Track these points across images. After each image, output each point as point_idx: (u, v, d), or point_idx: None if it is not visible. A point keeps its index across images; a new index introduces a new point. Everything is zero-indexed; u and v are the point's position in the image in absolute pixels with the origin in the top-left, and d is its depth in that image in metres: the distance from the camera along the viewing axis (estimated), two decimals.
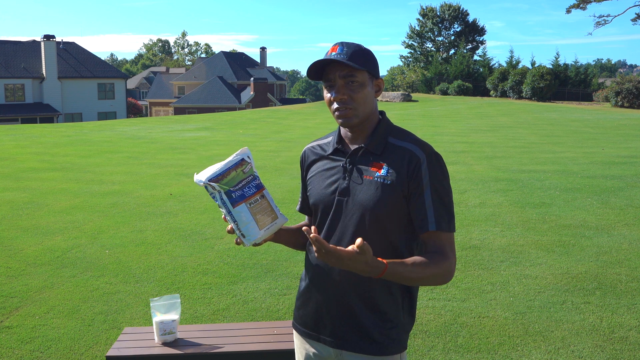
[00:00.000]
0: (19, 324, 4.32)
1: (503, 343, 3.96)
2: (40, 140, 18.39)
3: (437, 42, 60.96)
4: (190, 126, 24.92)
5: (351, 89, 1.76)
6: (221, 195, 1.74)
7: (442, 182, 1.77)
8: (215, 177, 1.74)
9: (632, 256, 5.77)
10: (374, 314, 1.80)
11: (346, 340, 1.82)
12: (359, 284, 1.79)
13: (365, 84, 1.77)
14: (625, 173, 10.52)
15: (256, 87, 55.28)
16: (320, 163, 1.93)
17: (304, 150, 2.02)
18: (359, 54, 1.76)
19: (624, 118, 26.07)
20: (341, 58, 1.74)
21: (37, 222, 7.36)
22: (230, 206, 1.74)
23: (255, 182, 1.80)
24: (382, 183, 1.75)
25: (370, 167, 1.79)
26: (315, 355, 1.91)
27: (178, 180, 10.50)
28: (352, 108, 1.77)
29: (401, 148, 1.79)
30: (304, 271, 1.96)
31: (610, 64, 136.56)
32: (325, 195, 1.85)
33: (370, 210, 1.75)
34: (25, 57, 46.10)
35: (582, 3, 43.42)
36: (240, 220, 1.75)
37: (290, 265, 5.57)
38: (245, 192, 1.76)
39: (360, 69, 1.75)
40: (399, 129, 1.87)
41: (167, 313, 3.06)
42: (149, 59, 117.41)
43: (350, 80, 1.76)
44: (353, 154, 1.84)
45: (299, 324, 1.96)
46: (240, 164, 1.79)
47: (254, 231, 1.76)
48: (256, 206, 1.77)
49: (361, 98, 1.77)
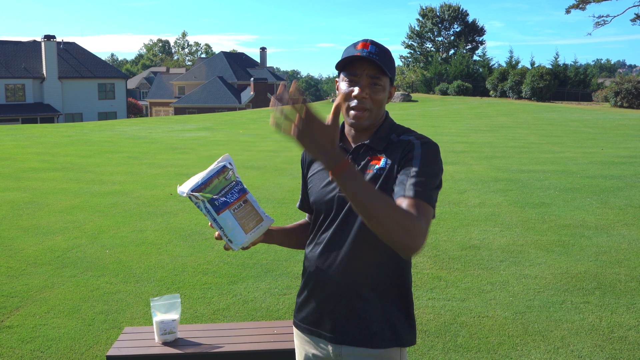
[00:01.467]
0: (19, 324, 4.33)
1: (503, 343, 3.97)
2: (40, 140, 18.40)
3: (437, 43, 60.97)
4: (190, 126, 24.93)
5: (373, 91, 1.76)
6: (205, 204, 1.78)
7: (431, 163, 1.72)
8: (197, 187, 1.78)
9: (631, 256, 5.77)
10: (371, 308, 1.81)
11: (346, 335, 1.83)
12: (358, 280, 1.80)
13: (385, 89, 1.79)
14: (624, 173, 10.52)
15: (256, 87, 55.29)
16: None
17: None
18: (388, 58, 1.78)
19: (623, 118, 26.08)
20: (375, 58, 1.74)
21: (37, 222, 7.37)
22: (214, 214, 1.77)
23: (238, 187, 1.82)
24: (379, 174, 1.76)
25: (371, 161, 1.80)
26: (315, 356, 1.92)
27: (178, 180, 10.50)
28: (368, 109, 1.77)
29: (400, 141, 1.80)
30: (304, 268, 1.97)
31: (610, 64, 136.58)
32: (325, 193, 1.86)
33: None
34: (25, 57, 46.11)
35: (581, 3, 43.43)
36: (226, 227, 1.78)
37: (290, 265, 5.58)
38: (228, 199, 1.79)
39: (387, 75, 1.77)
40: (402, 127, 1.88)
41: (167, 313, 3.07)
42: (149, 59, 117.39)
43: (375, 82, 1.76)
44: (355, 151, 1.84)
45: (299, 321, 1.97)
46: (222, 171, 1.82)
47: (241, 236, 1.80)
48: (240, 211, 1.80)
49: (379, 101, 1.78)
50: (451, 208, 7.86)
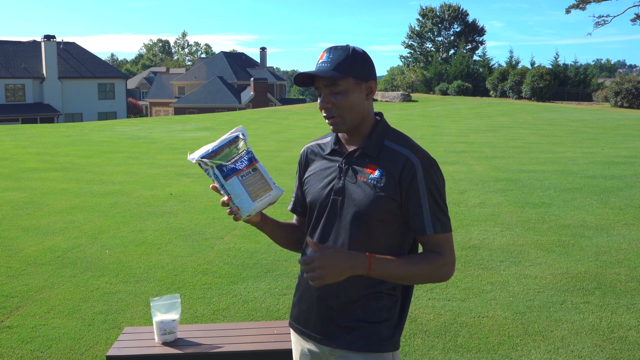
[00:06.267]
0: (19, 324, 4.33)
1: (503, 343, 3.97)
2: (40, 141, 18.40)
3: (437, 42, 61.00)
4: (190, 126, 24.93)
5: (335, 98, 1.78)
6: (213, 170, 1.80)
7: (437, 185, 1.79)
8: (207, 154, 1.80)
9: (631, 256, 5.77)
10: (360, 310, 1.81)
11: (333, 337, 1.84)
12: (350, 282, 1.78)
13: (349, 91, 1.78)
14: (624, 173, 10.52)
15: (256, 87, 55.28)
16: (318, 163, 1.95)
17: (304, 148, 2.04)
18: (344, 60, 1.76)
19: (624, 118, 26.08)
20: (325, 67, 1.76)
21: (37, 222, 7.37)
22: (222, 180, 1.79)
23: (248, 156, 1.84)
24: (374, 185, 1.78)
25: (365, 168, 1.81)
26: (311, 352, 1.93)
27: (178, 180, 10.51)
28: (337, 115, 1.80)
29: (396, 152, 1.81)
30: (300, 270, 1.98)
31: (610, 64, 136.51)
32: (321, 195, 1.88)
33: (363, 210, 1.78)
34: (25, 57, 46.11)
35: (581, 3, 43.43)
36: (233, 193, 1.79)
37: (290, 265, 5.58)
38: (237, 166, 1.81)
39: (341, 78, 1.75)
40: (396, 132, 1.88)
41: (167, 313, 3.07)
42: (149, 59, 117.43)
43: (332, 90, 1.77)
44: (349, 155, 1.85)
45: (293, 321, 2.00)
46: (234, 141, 1.84)
47: (248, 203, 1.80)
48: (248, 178, 1.81)
49: (345, 105, 1.78)
50: (451, 208, 7.85)
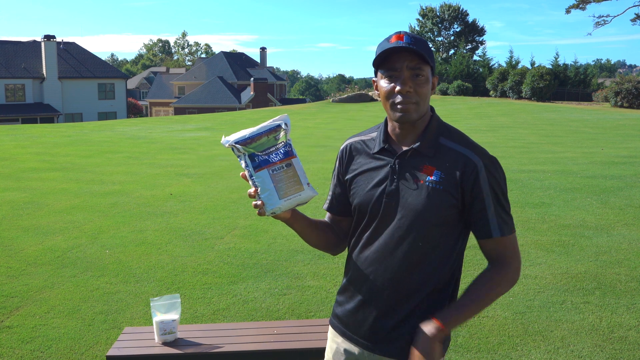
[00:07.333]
0: (19, 324, 4.33)
1: (503, 343, 3.97)
2: (40, 141, 18.40)
3: (437, 43, 60.95)
4: (190, 126, 24.93)
5: (417, 83, 1.66)
6: (245, 157, 1.67)
7: (501, 186, 1.70)
8: (243, 140, 1.67)
9: (631, 256, 5.77)
10: (410, 317, 1.71)
11: (379, 344, 1.75)
12: (397, 286, 1.71)
13: (429, 80, 1.69)
14: (624, 173, 10.52)
15: (256, 87, 55.29)
16: (364, 161, 1.81)
17: (346, 144, 1.89)
18: (427, 47, 1.66)
19: (624, 118, 26.07)
20: (413, 48, 1.63)
21: (37, 222, 7.37)
22: (252, 170, 1.66)
23: (285, 149, 1.68)
24: (433, 188, 1.67)
25: (421, 170, 1.69)
26: (346, 352, 1.82)
27: (178, 180, 10.51)
28: (415, 102, 1.67)
29: (455, 152, 1.70)
30: (345, 269, 1.88)
31: (610, 64, 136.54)
32: (371, 198, 1.74)
33: (420, 215, 1.67)
34: (25, 57, 46.11)
35: (581, 3, 43.41)
36: (262, 186, 1.65)
37: (290, 265, 5.58)
38: (270, 158, 1.66)
39: (428, 64, 1.67)
40: (451, 128, 1.77)
41: (167, 313, 3.07)
42: (149, 59, 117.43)
43: (417, 73, 1.66)
44: (402, 156, 1.72)
45: (336, 321, 1.88)
46: (275, 130, 1.70)
47: (274, 200, 1.64)
48: (280, 174, 1.66)
49: (425, 93, 1.68)
50: None
